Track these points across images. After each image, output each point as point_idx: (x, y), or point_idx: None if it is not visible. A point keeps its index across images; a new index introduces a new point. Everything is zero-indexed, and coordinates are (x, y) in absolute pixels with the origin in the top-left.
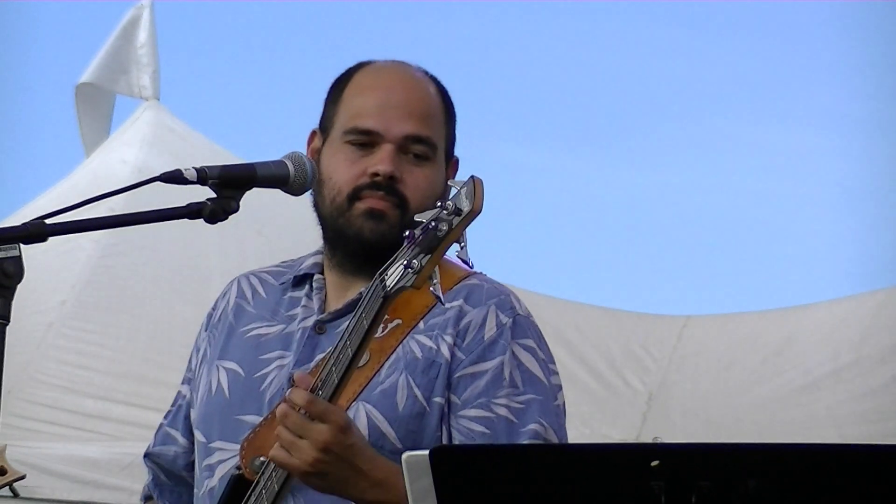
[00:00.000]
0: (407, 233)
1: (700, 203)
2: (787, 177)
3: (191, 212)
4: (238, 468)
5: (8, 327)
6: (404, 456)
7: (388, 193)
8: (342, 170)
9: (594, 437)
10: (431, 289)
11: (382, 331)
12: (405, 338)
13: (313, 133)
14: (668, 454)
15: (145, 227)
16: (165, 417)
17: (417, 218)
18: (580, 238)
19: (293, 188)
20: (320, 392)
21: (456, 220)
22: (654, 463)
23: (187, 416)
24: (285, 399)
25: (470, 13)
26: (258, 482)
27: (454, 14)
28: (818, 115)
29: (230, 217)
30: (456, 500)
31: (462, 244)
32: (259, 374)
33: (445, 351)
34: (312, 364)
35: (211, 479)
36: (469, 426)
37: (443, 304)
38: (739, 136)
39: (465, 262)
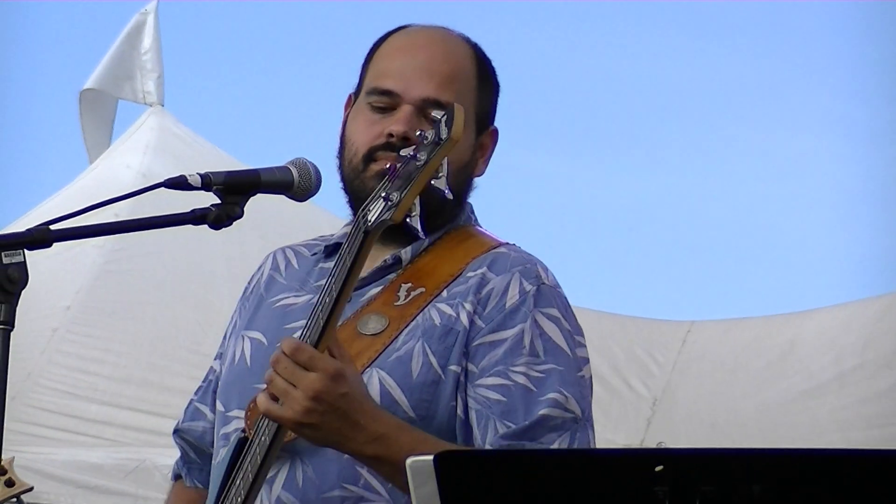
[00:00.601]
0: (388, 165)
1: (704, 208)
2: (789, 181)
3: (195, 217)
4: (243, 431)
5: (12, 333)
6: (408, 461)
7: None
8: (360, 130)
9: (598, 442)
10: (408, 220)
11: (405, 298)
12: (426, 306)
13: (349, 98)
14: (673, 459)
15: (150, 233)
16: (196, 393)
17: (402, 152)
18: (584, 243)
19: (297, 194)
20: (307, 336)
21: (435, 149)
22: (659, 468)
23: (216, 391)
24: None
25: (476, 18)
26: (252, 440)
27: (461, 20)
28: (821, 119)
29: (234, 223)
30: None
31: (441, 174)
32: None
33: (464, 318)
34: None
35: (225, 448)
36: (485, 394)
37: (423, 237)
38: (743, 141)
39: (441, 191)
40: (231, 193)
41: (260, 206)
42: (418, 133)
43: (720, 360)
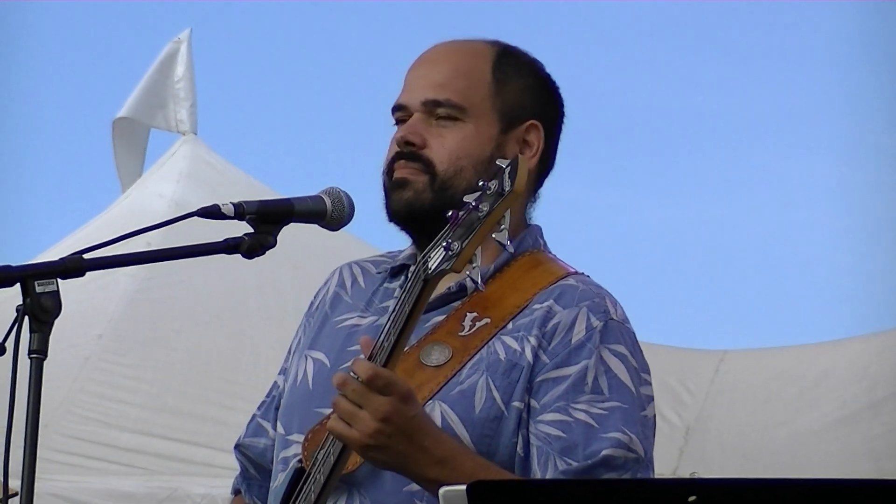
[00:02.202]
0: (450, 213)
1: (736, 237)
2: (822, 210)
3: (228, 247)
4: (300, 461)
5: (45, 361)
6: (441, 491)
7: (410, 160)
8: (388, 150)
9: None
10: (469, 273)
11: (469, 329)
12: (491, 339)
13: None
14: (706, 489)
15: (181, 262)
16: (259, 408)
17: (466, 199)
18: (616, 272)
19: (330, 223)
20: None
21: (498, 201)
22: (692, 498)
23: (278, 408)
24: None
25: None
26: (309, 472)
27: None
28: (854, 148)
29: (267, 252)
30: None
31: (502, 226)
32: (345, 366)
33: (529, 353)
34: None
35: (283, 472)
36: (545, 430)
37: (480, 289)
38: (776, 168)
39: (501, 244)
40: (264, 223)
41: (293, 235)
42: (481, 183)
43: (753, 390)
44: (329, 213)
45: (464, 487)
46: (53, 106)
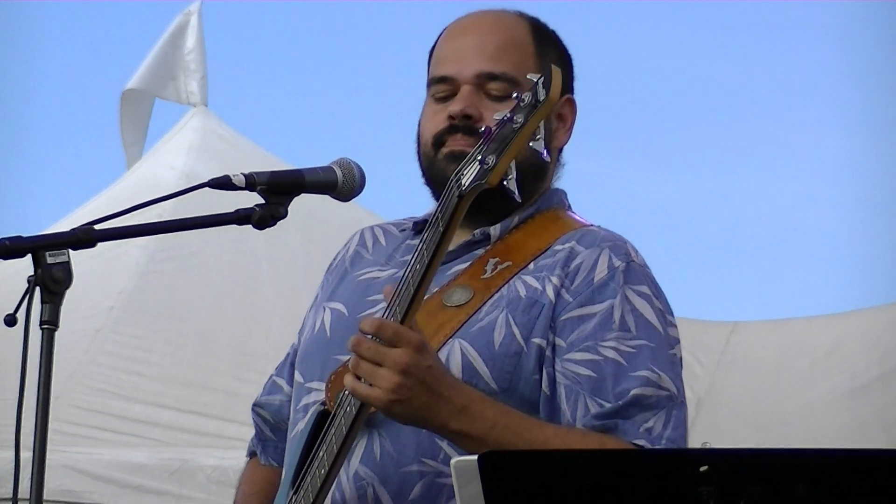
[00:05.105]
0: (483, 128)
1: (747, 210)
2: (833, 182)
3: (239, 217)
4: (323, 404)
5: (57, 333)
6: (452, 462)
7: (467, 133)
8: (427, 122)
9: None
10: (505, 182)
11: (492, 271)
12: (512, 278)
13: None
14: (718, 459)
15: (192, 233)
16: (275, 369)
17: (496, 115)
18: None
19: (341, 194)
20: (396, 305)
21: (533, 111)
22: (703, 468)
23: (293, 365)
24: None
25: None
26: (336, 413)
27: None
28: (866, 119)
29: (278, 223)
30: None
31: (538, 136)
32: (363, 314)
33: (550, 292)
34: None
35: (303, 420)
36: (574, 369)
37: (518, 201)
38: (787, 140)
39: (539, 152)
40: (275, 194)
41: (303, 206)
42: (514, 95)
43: (764, 361)
44: (340, 183)
45: (475, 458)
46: (63, 78)
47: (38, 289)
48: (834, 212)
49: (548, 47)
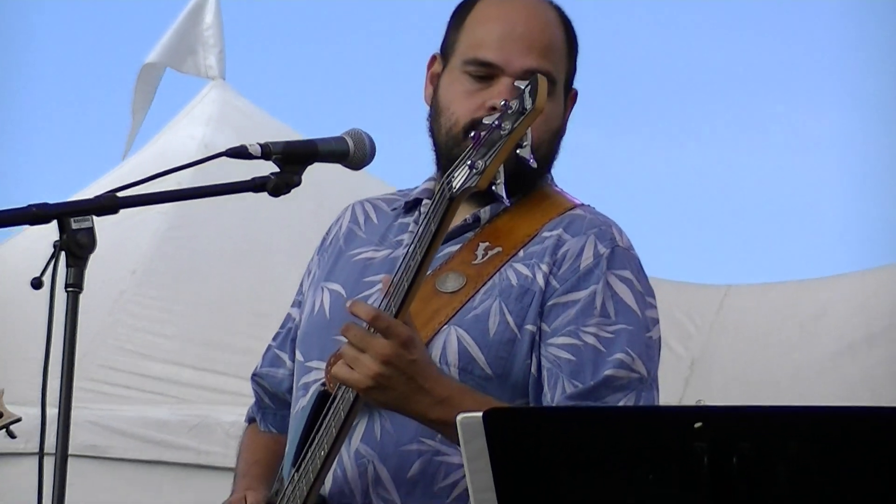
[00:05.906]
0: (472, 134)
1: (740, 176)
2: (824, 150)
3: (255, 185)
4: (323, 384)
5: (81, 295)
6: (458, 417)
7: None
8: (459, 100)
9: None
10: (493, 187)
11: (482, 258)
12: (503, 265)
13: (433, 58)
14: (711, 416)
15: (211, 201)
16: (274, 339)
17: (486, 120)
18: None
19: (352, 163)
20: (392, 297)
21: (520, 119)
22: (698, 425)
23: (294, 339)
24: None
25: None
26: (336, 395)
27: None
28: (857, 96)
29: (292, 191)
30: (508, 460)
31: (525, 143)
32: (361, 296)
33: (540, 279)
34: None
35: (305, 397)
36: (556, 353)
37: (507, 204)
38: (779, 112)
39: (525, 160)
40: (289, 163)
41: (316, 175)
42: (503, 102)
43: (756, 323)
44: (351, 153)
45: (480, 415)
46: (85, 50)
47: (63, 253)
48: (824, 180)
49: (573, 44)
